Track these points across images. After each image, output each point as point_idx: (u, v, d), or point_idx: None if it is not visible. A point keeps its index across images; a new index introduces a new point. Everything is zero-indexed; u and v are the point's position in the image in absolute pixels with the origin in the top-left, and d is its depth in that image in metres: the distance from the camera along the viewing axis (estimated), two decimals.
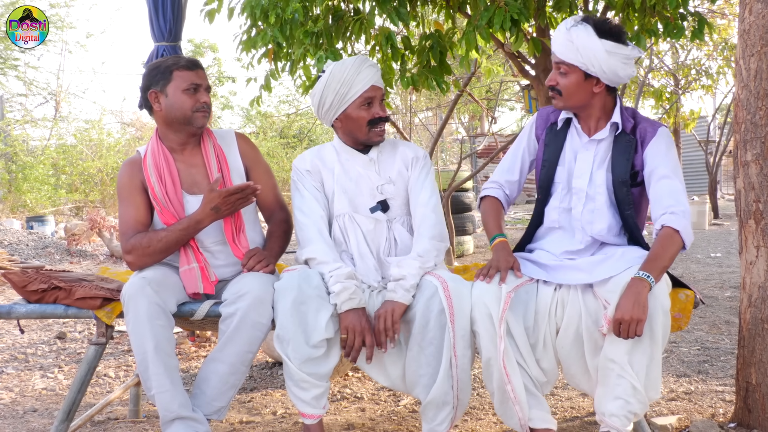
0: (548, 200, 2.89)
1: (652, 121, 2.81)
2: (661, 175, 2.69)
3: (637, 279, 2.49)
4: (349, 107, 2.85)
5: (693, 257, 9.04)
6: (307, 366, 2.65)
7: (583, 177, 2.81)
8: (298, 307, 2.64)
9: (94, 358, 2.83)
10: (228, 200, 2.77)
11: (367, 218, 2.91)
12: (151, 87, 2.89)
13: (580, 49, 2.64)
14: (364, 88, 2.83)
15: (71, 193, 16.22)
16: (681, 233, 2.59)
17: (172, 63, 2.89)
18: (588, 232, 2.80)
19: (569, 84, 2.72)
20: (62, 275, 2.99)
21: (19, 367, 4.49)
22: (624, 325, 2.43)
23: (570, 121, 2.86)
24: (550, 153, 2.88)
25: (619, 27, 2.70)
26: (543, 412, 2.68)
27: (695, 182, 21.67)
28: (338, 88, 2.83)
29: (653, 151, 2.73)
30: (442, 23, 4.54)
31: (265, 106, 21.82)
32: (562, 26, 2.72)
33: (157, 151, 2.92)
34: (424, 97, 13.19)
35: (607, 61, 2.64)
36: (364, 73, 2.84)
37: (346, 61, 2.86)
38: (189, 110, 2.87)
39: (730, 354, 4.32)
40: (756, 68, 2.90)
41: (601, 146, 2.80)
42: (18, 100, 20.71)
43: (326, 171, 2.95)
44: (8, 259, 8.48)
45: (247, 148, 3.10)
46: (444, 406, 2.68)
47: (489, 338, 2.61)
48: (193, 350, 4.75)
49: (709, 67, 12.08)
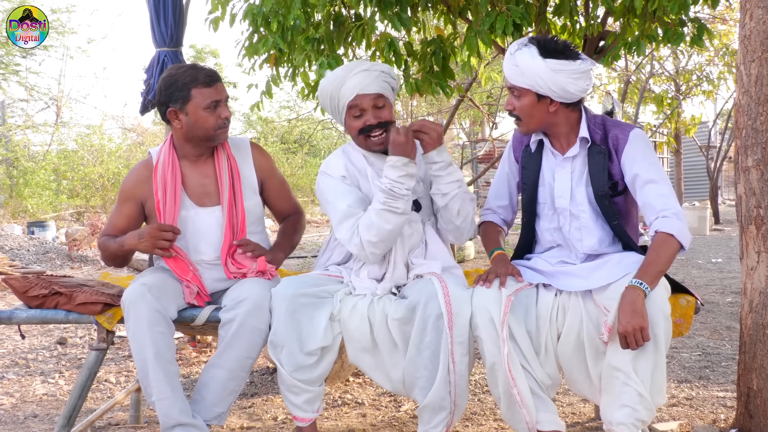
0: (538, 221, 2.91)
1: (623, 125, 2.78)
2: (645, 180, 2.67)
3: (630, 288, 2.48)
4: (345, 118, 2.84)
5: (694, 262, 9.04)
6: (299, 373, 2.67)
7: (564, 196, 2.80)
8: (292, 314, 2.64)
9: (95, 364, 2.83)
10: (153, 234, 2.73)
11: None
12: (170, 105, 2.83)
13: (525, 72, 2.63)
14: (349, 98, 2.79)
15: (72, 199, 16.22)
16: (675, 236, 2.56)
17: (190, 80, 2.81)
18: (580, 249, 2.81)
19: (524, 107, 2.71)
20: (63, 280, 2.98)
21: (19, 373, 4.49)
22: (630, 337, 2.42)
23: (542, 141, 2.86)
24: (528, 175, 2.89)
25: (566, 44, 2.67)
26: (551, 414, 2.66)
27: (696, 188, 21.67)
28: (328, 102, 2.83)
29: (630, 157, 2.70)
30: (442, 29, 4.55)
31: (266, 111, 21.85)
32: (508, 50, 2.71)
33: (167, 162, 2.90)
34: (425, 102, 13.21)
35: (554, 79, 2.61)
36: (349, 83, 2.78)
37: (333, 73, 2.83)
38: (212, 129, 2.85)
39: (732, 359, 4.31)
40: (757, 74, 2.90)
41: (577, 162, 2.79)
42: (19, 106, 20.72)
43: (361, 176, 2.90)
44: (9, 264, 8.48)
45: (262, 160, 3.08)
46: (440, 410, 2.67)
47: (492, 343, 2.60)
48: (194, 356, 4.75)
49: (710, 72, 12.09)
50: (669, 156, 19.48)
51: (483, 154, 16.38)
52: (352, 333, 2.70)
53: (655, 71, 12.22)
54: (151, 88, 4.65)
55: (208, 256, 2.93)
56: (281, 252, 3.00)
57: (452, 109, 7.77)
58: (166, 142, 2.96)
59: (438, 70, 4.07)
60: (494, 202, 3.05)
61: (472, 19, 3.91)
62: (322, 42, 3.86)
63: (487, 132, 19.19)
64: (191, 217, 2.91)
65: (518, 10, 3.46)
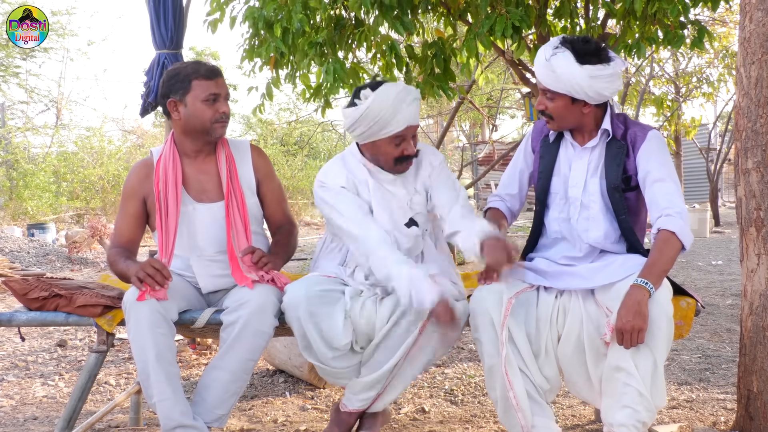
0: (547, 211, 2.91)
1: (642, 125, 2.81)
2: (655, 179, 2.69)
3: (636, 287, 2.48)
4: (379, 140, 2.78)
5: (694, 265, 9.04)
6: (336, 361, 2.75)
7: (577, 186, 2.82)
8: (311, 315, 2.68)
9: (95, 366, 2.83)
10: (146, 269, 2.63)
11: (407, 237, 2.89)
12: (171, 95, 2.86)
13: (561, 78, 2.63)
14: (398, 128, 2.73)
15: (72, 201, 16.21)
16: (677, 235, 2.57)
17: (191, 71, 2.85)
18: (584, 239, 2.80)
19: (557, 108, 2.72)
20: (63, 283, 2.99)
21: (19, 375, 4.49)
22: (626, 336, 2.43)
23: (562, 132, 2.87)
24: (545, 164, 2.89)
25: (598, 45, 2.66)
26: (546, 420, 2.67)
27: (696, 190, 21.65)
28: (372, 124, 2.73)
29: (645, 154, 2.73)
30: (442, 31, 4.55)
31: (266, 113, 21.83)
32: (541, 54, 2.70)
33: (169, 157, 2.92)
34: (425, 104, 13.20)
35: (591, 85, 2.62)
36: (402, 114, 2.72)
37: (387, 97, 2.70)
38: (208, 121, 2.86)
39: (732, 362, 4.31)
40: (756, 76, 2.90)
41: (594, 154, 2.81)
42: (19, 108, 20.70)
43: (361, 185, 2.89)
44: (9, 266, 8.48)
45: (261, 162, 3.08)
46: (370, 389, 2.80)
47: (492, 345, 2.61)
48: (193, 358, 4.74)
49: (710, 74, 12.09)
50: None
51: (483, 157, 16.38)
52: (362, 329, 2.75)
53: (655, 73, 12.22)
54: (151, 90, 4.65)
55: (206, 251, 2.94)
56: (279, 260, 2.99)
57: (452, 111, 7.78)
58: (167, 140, 2.98)
59: (439, 73, 4.08)
60: (504, 189, 3.07)
61: (472, 22, 3.91)
62: (323, 45, 3.87)
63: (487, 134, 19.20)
64: (189, 213, 2.92)
65: (518, 12, 3.47)
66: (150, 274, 2.61)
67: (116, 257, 2.87)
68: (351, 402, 2.86)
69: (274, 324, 2.74)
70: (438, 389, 3.99)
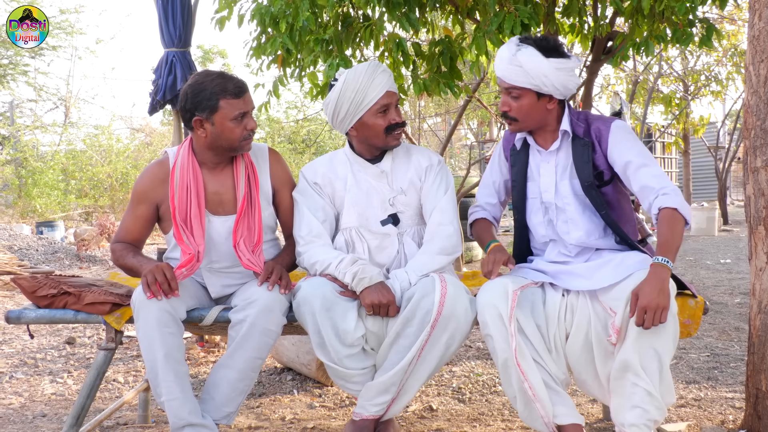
0: (529, 217, 2.95)
1: (604, 118, 2.85)
2: (638, 165, 2.71)
3: (658, 265, 2.48)
4: (365, 115, 2.84)
5: (702, 263, 9.02)
6: (350, 361, 2.72)
7: (549, 190, 2.86)
8: (327, 311, 2.68)
9: (104, 363, 2.84)
10: (157, 274, 2.62)
11: (375, 234, 2.92)
12: (197, 113, 2.78)
13: (530, 72, 2.68)
14: (379, 95, 2.82)
15: (81, 199, 16.28)
16: (679, 210, 2.60)
17: (219, 90, 2.75)
18: (568, 241, 2.83)
19: (523, 106, 2.76)
20: (72, 280, 2.99)
21: (28, 372, 4.51)
22: (650, 314, 2.39)
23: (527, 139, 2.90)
24: (516, 172, 2.94)
25: (556, 42, 2.74)
26: (568, 408, 2.64)
27: (705, 188, 21.61)
28: (353, 96, 2.81)
29: (616, 146, 2.75)
30: (450, 29, 4.55)
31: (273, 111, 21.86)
32: (504, 51, 2.74)
33: (186, 166, 2.86)
34: (433, 102, 13.20)
35: (558, 77, 2.68)
36: (378, 80, 2.82)
37: (359, 68, 2.83)
38: (237, 141, 2.82)
39: (740, 361, 4.30)
40: (766, 74, 2.89)
41: (560, 156, 2.84)
42: (28, 106, 20.81)
43: (339, 182, 2.95)
44: (18, 264, 8.51)
45: (278, 169, 3.05)
46: (385, 393, 2.73)
47: (502, 339, 2.59)
48: (201, 355, 4.76)
49: (719, 72, 12.05)
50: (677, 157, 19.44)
51: (490, 155, 16.34)
52: (373, 328, 2.75)
53: (664, 72, 12.19)
54: (159, 88, 4.66)
55: (218, 264, 2.93)
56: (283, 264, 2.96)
57: (460, 109, 7.77)
58: (184, 146, 2.92)
59: (446, 70, 4.07)
60: (484, 199, 3.11)
61: (480, 20, 3.91)
62: (330, 43, 3.87)
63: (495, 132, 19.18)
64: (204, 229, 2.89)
65: (526, 10, 3.46)
66: (159, 281, 2.62)
67: (124, 251, 2.88)
68: (365, 408, 2.77)
69: (282, 323, 2.74)
70: (446, 387, 3.99)
